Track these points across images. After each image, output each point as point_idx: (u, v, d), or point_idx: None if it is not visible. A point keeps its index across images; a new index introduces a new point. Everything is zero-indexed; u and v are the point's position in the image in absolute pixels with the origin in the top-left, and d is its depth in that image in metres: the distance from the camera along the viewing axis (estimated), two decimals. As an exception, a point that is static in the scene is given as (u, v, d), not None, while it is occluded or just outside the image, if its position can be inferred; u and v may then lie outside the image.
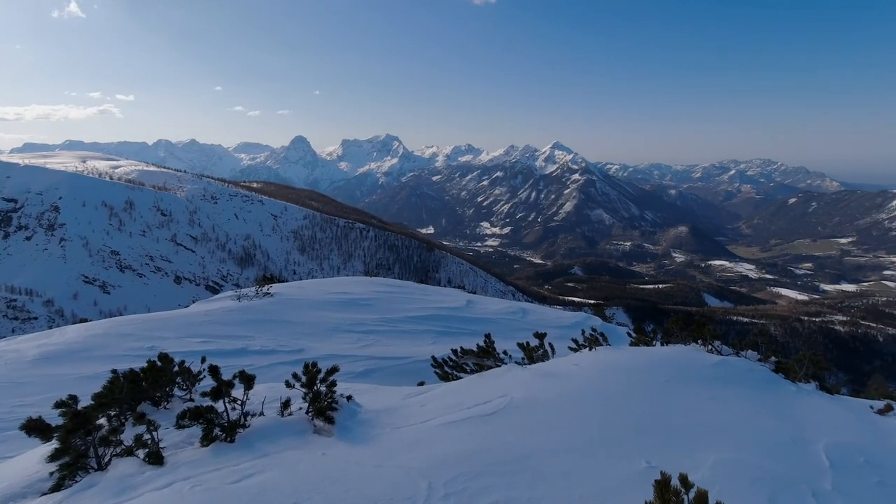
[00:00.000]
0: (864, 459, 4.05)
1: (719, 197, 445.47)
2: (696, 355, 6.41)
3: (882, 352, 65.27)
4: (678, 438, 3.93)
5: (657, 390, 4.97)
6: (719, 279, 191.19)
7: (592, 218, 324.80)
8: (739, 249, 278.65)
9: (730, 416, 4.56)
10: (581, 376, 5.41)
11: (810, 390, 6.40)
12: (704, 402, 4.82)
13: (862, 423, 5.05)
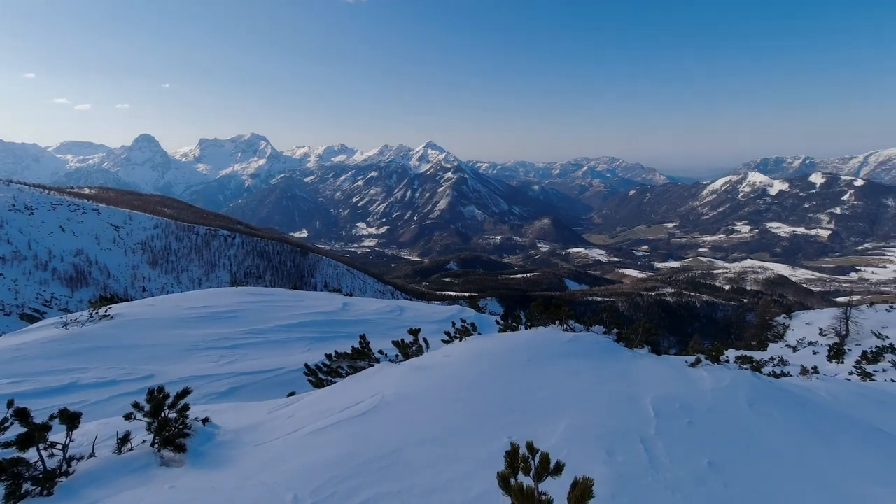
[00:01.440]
0: (679, 405, 4.93)
1: (575, 191, 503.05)
2: (554, 335, 7.14)
3: (700, 315, 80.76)
4: (536, 412, 4.34)
5: (519, 371, 5.43)
6: (577, 265, 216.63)
7: (466, 214, 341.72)
8: (593, 237, 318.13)
9: (580, 385, 5.18)
10: (451, 366, 5.66)
11: (643, 354, 7.59)
12: (560, 376, 5.39)
13: (679, 375, 6.14)
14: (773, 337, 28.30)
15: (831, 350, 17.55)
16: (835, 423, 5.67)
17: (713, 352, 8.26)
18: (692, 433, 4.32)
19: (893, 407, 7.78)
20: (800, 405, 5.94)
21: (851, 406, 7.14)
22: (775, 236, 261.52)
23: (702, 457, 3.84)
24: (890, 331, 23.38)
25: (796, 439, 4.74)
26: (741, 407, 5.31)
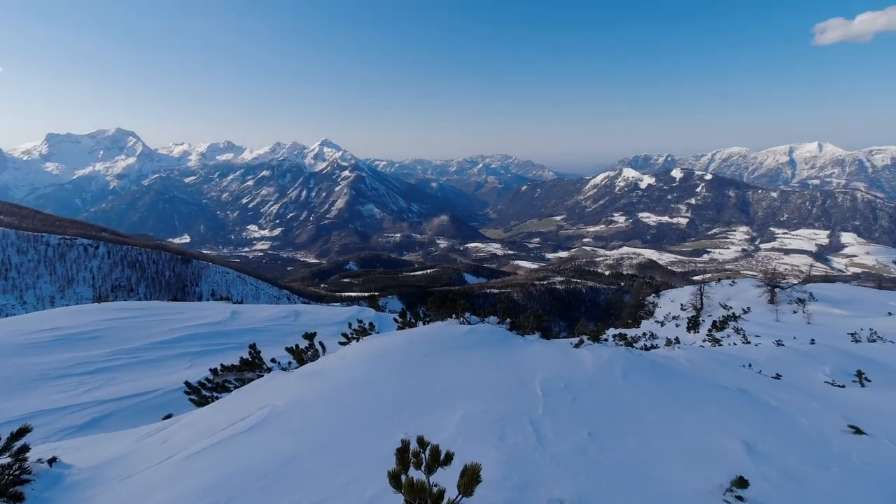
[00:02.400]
0: (564, 384, 5.36)
1: (471, 187, 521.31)
2: (450, 328, 7.31)
3: (586, 300, 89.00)
4: (433, 405, 4.41)
5: (416, 367, 5.48)
6: (475, 259, 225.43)
7: (364, 213, 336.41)
8: (489, 231, 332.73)
9: (475, 375, 5.38)
10: (347, 369, 5.53)
11: (534, 340, 8.12)
12: (455, 367, 5.54)
13: (565, 357, 6.67)
14: (645, 314, 32.18)
15: (689, 322, 20.54)
16: (691, 385, 6.58)
17: (595, 332, 9.12)
18: (575, 408, 4.72)
19: (733, 366, 9.28)
20: (664, 372, 6.79)
21: (703, 369, 8.35)
22: (645, 225, 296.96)
23: (583, 429, 4.21)
24: (733, 301, 27.84)
25: (660, 403, 5.42)
26: (616, 380, 5.93)
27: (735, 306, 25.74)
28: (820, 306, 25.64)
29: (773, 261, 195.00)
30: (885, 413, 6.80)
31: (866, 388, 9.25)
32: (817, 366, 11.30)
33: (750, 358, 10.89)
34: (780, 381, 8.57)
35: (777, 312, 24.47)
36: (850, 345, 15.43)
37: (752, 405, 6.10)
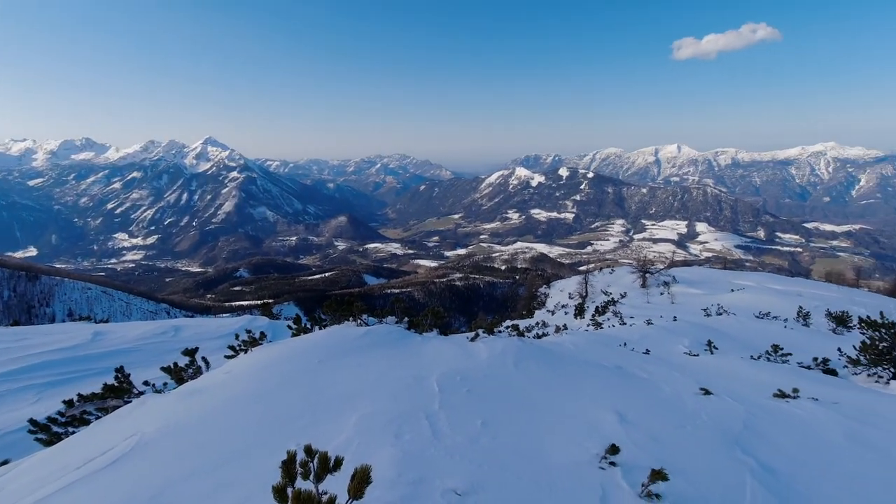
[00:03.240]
0: (460, 377, 5.55)
1: (370, 187, 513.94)
2: (347, 331, 7.17)
3: (484, 294, 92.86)
4: (328, 411, 4.30)
5: (310, 373, 5.29)
6: (375, 260, 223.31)
7: (256, 216, 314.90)
8: (389, 232, 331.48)
9: (372, 376, 5.34)
10: (233, 384, 5.16)
11: (432, 336, 8.28)
12: (352, 370, 5.45)
13: (461, 351, 6.91)
14: (538, 305, 34.54)
15: (576, 309, 22.48)
16: (575, 366, 7.20)
17: (490, 325, 9.56)
18: (470, 400, 4.92)
19: (612, 346, 10.34)
20: (551, 357, 7.34)
21: (586, 351, 9.17)
22: (537, 221, 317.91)
23: (477, 419, 4.40)
24: (613, 288, 30.95)
25: (548, 385, 5.86)
26: (509, 368, 6.29)
27: (614, 292, 28.69)
28: (681, 287, 29.57)
29: (644, 249, 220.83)
30: (726, 374, 8.06)
31: (714, 354, 10.90)
32: (679, 339, 13.04)
33: (626, 337, 12.21)
34: (649, 355, 9.74)
35: (648, 295, 27.75)
36: (703, 319, 18.04)
37: (625, 379, 6.85)
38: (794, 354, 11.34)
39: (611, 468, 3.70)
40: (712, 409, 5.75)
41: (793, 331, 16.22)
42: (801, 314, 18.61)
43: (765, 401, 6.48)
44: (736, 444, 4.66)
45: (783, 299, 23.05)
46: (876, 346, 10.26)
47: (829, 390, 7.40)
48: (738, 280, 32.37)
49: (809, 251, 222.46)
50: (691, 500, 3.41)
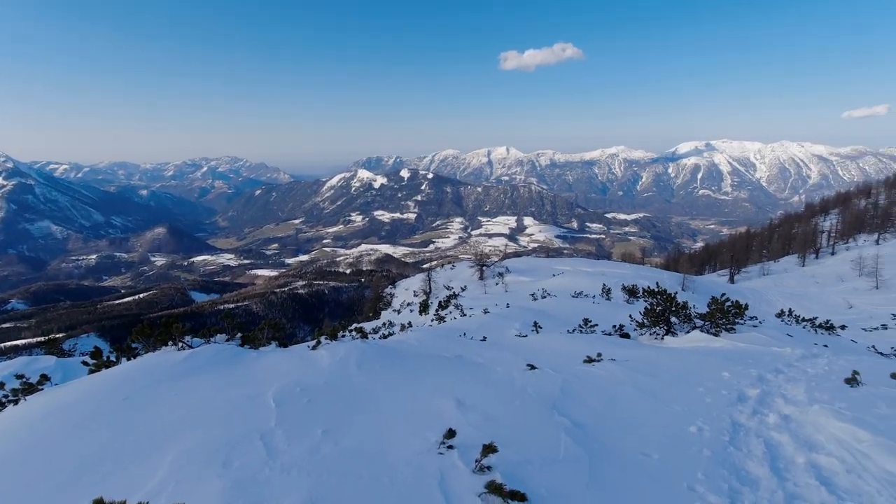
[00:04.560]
0: (300, 389, 5.32)
1: (195, 194, 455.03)
2: (163, 358, 6.30)
3: (329, 300, 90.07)
4: (137, 453, 3.72)
5: (114, 413, 4.51)
6: (204, 274, 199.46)
7: (35, 232, 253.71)
8: (219, 242, 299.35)
9: (196, 402, 4.78)
10: (-4, 444, 4.11)
11: (270, 350, 7.76)
12: (170, 402, 4.80)
13: (302, 361, 6.61)
14: (384, 305, 34.96)
15: (421, 306, 23.36)
16: (418, 361, 7.47)
17: (333, 331, 9.34)
18: (311, 410, 4.75)
19: (453, 337, 11.00)
20: (396, 355, 7.49)
21: (429, 345, 9.58)
22: (380, 222, 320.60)
23: (318, 428, 4.27)
24: (454, 282, 32.90)
25: (392, 383, 5.97)
26: (352, 372, 6.24)
27: (456, 286, 30.56)
28: (513, 276, 32.88)
29: (481, 244, 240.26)
30: (549, 349, 9.23)
31: (539, 333, 12.39)
32: (511, 324, 14.48)
33: (466, 328, 13.10)
34: (485, 341, 10.62)
35: (485, 286, 30.22)
36: (531, 303, 20.39)
37: (464, 367, 7.36)
38: (599, 325, 13.54)
39: (449, 452, 3.94)
40: (536, 382, 6.54)
41: (599, 305, 19.35)
42: (605, 290, 22.32)
43: (577, 367, 7.61)
44: (554, 409, 5.38)
45: (592, 279, 27.33)
46: (654, 310, 12.84)
47: (623, 351, 9.01)
48: (558, 266, 37.35)
49: (610, 237, 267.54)
50: (518, 464, 3.83)
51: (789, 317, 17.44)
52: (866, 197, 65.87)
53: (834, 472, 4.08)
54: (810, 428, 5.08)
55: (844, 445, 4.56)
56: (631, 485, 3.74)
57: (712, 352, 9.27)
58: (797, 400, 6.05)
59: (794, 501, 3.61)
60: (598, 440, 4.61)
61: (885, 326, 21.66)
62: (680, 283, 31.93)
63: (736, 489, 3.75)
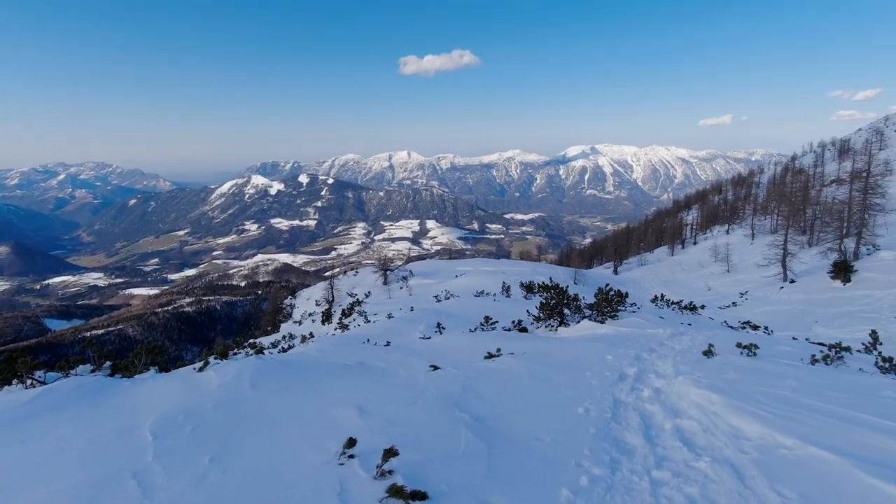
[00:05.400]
0: (184, 416, 4.87)
1: (49, 205, 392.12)
2: (4, 400, 5.39)
3: (221, 317, 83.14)
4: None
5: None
6: (64, 297, 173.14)
7: None
8: (84, 259, 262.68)
9: (46, 452, 4.15)
10: None
11: (148, 377, 7.00)
12: (11, 452, 4.12)
13: (186, 385, 6.06)
14: (284, 317, 33.28)
15: (323, 315, 22.61)
16: (318, 371, 7.23)
17: (223, 349, 8.68)
18: (196, 438, 4.38)
19: (356, 345, 10.81)
20: (295, 368, 7.18)
21: (331, 354, 9.32)
22: (278, 230, 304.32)
23: (204, 456, 3.95)
24: (358, 289, 32.32)
25: (291, 397, 5.71)
26: (246, 391, 5.86)
27: (359, 292, 30.05)
28: (417, 280, 33.16)
29: (385, 249, 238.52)
30: (452, 348, 9.46)
31: (443, 334, 12.66)
32: (415, 326, 14.60)
33: (370, 334, 12.95)
34: (389, 346, 10.59)
35: (390, 291, 30.12)
36: (435, 304, 20.74)
37: (366, 373, 7.27)
38: (500, 321, 14.16)
39: (349, 461, 3.88)
40: (439, 382, 6.67)
41: (499, 302, 20.26)
42: (505, 288, 23.41)
43: (478, 363, 7.90)
44: (455, 406, 5.53)
45: (493, 278, 28.51)
46: (549, 303, 13.76)
47: (521, 344, 9.53)
48: (461, 267, 38.40)
49: (509, 237, 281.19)
50: (419, 464, 3.88)
51: (661, 301, 19.72)
52: (718, 194, 76.75)
53: (693, 433, 4.70)
54: (675, 397, 5.81)
55: (701, 409, 5.28)
56: (525, 469, 3.98)
57: (599, 338, 10.17)
58: (666, 374, 6.88)
59: (662, 463, 4.09)
60: (497, 431, 4.83)
61: (735, 304, 25.39)
62: (572, 276, 34.54)
63: (616, 459, 4.16)
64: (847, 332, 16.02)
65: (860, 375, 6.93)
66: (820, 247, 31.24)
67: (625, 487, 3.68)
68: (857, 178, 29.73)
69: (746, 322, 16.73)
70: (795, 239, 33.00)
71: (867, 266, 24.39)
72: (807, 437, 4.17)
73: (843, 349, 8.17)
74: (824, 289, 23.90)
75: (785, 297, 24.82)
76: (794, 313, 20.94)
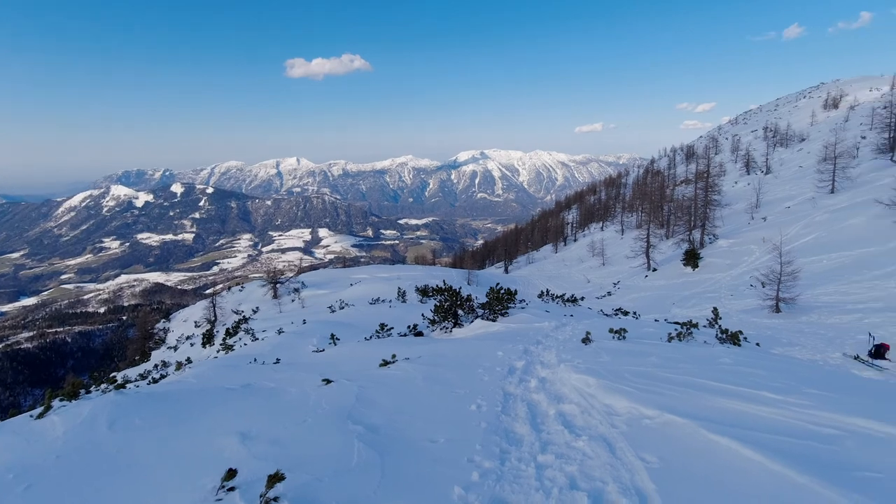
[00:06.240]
0: (14, 475, 4.12)
1: None
2: None
3: (73, 350, 71.70)
4: None
5: None
6: None
7: None
8: None
9: None
10: None
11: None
12: None
13: (18, 440, 5.11)
14: (156, 344, 29.84)
15: (204, 337, 20.64)
16: (195, 400, 6.56)
17: (72, 389, 7.51)
18: (31, 499, 3.73)
19: (241, 366, 10.04)
20: (165, 401, 6.44)
21: (212, 379, 8.55)
22: (147, 247, 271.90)
23: (42, 516, 3.37)
24: (244, 305, 30.11)
25: (160, 434, 5.11)
26: (102, 434, 5.12)
27: (246, 309, 28.02)
28: (310, 291, 31.85)
29: (274, 261, 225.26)
30: (346, 359, 9.23)
31: (337, 346, 12.29)
32: (308, 340, 13.99)
33: (258, 352, 12.13)
34: (279, 363, 10.01)
35: (280, 305, 28.54)
36: (329, 315, 20.08)
37: (252, 396, 6.78)
38: (396, 327, 14.14)
39: (229, 495, 3.58)
40: (332, 395, 6.45)
41: (395, 308, 20.24)
42: (400, 294, 23.44)
43: (373, 372, 7.79)
44: (348, 419, 5.38)
45: (388, 284, 28.41)
46: (443, 306, 14.04)
47: (416, 348, 9.60)
48: (356, 275, 37.70)
49: (403, 242, 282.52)
50: (308, 486, 3.70)
51: (547, 296, 21.20)
52: (594, 194, 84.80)
53: (573, 415, 5.10)
54: (559, 384, 6.26)
55: (580, 392, 5.76)
56: (419, 472, 3.99)
57: (490, 335, 10.63)
58: (550, 363, 7.39)
59: (547, 447, 4.37)
60: (392, 438, 4.79)
61: (610, 293, 28.20)
62: (466, 278, 35.70)
63: (505, 450, 4.35)
64: (697, 311, 18.62)
65: (704, 347, 8.10)
66: (675, 238, 35.98)
67: (513, 476, 3.86)
68: (700, 179, 34.84)
69: (619, 309, 18.65)
70: (656, 232, 37.64)
71: (710, 253, 28.61)
72: (664, 406, 4.75)
73: (692, 326, 9.47)
74: (679, 274, 27.55)
75: (649, 284, 28.14)
76: (657, 298, 23.84)
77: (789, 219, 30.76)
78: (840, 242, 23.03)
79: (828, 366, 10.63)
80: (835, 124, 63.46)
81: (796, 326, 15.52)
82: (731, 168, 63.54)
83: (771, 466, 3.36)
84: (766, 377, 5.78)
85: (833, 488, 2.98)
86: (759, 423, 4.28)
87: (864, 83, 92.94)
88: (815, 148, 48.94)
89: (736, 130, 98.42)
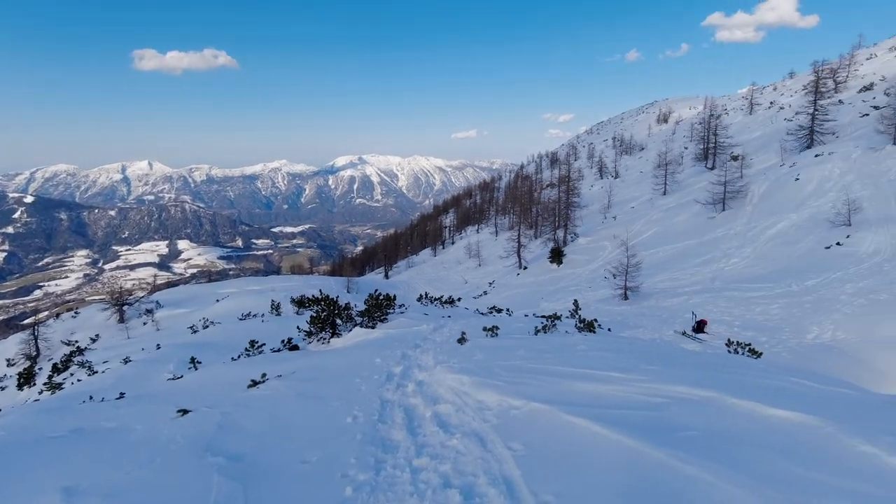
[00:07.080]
0: None
1: None
2: None
3: None
4: None
5: None
6: None
7: None
8: None
9: None
10: None
11: None
12: None
13: None
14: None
15: (20, 378, 17.06)
16: (6, 457, 5.46)
17: None
18: None
19: (68, 410, 8.56)
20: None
21: (30, 428, 7.14)
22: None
23: None
24: (79, 334, 25.81)
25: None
26: None
27: (81, 338, 24.02)
28: (167, 311, 28.44)
29: (120, 279, 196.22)
30: (204, 385, 8.38)
31: (199, 370, 11.12)
32: (163, 367, 12.46)
33: (94, 389, 10.46)
34: (122, 398, 8.73)
35: (128, 330, 24.99)
36: (191, 337, 18.11)
37: (84, 441, 5.82)
38: (268, 343, 13.24)
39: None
40: (188, 427, 5.79)
41: (269, 322, 18.97)
42: (274, 306, 22.05)
43: (239, 395, 7.17)
44: (207, 451, 4.87)
45: (261, 297, 26.56)
46: (320, 316, 13.50)
47: (290, 363, 9.07)
48: (223, 290, 34.60)
49: (278, 251, 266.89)
50: (153, 535, 3.26)
51: (426, 299, 21.58)
52: (469, 198, 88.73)
53: (448, 415, 5.22)
54: (435, 385, 6.38)
55: (455, 391, 5.92)
56: (287, 497, 3.75)
57: (369, 343, 10.47)
58: (427, 365, 7.50)
59: (422, 450, 4.40)
60: (258, 465, 4.44)
61: (486, 292, 29.70)
62: (345, 286, 34.87)
63: (381, 459, 4.29)
64: (562, 304, 20.45)
65: (565, 337, 8.91)
66: (542, 238, 39.15)
67: (388, 484, 3.82)
68: (562, 182, 38.46)
69: (493, 307, 19.69)
70: (526, 233, 40.64)
71: (571, 250, 31.66)
72: (529, 395, 5.09)
73: (556, 318, 10.35)
74: (546, 271, 30.03)
75: (521, 282, 30.23)
76: (528, 294, 25.70)
77: (634, 217, 35.45)
78: (671, 236, 27.13)
79: (663, 343, 12.40)
80: (665, 136, 75.02)
81: (640, 310, 17.87)
82: (588, 173, 71.38)
83: (613, 437, 3.78)
84: (614, 359, 6.52)
85: (658, 448, 3.46)
86: (607, 400, 4.80)
87: (686, 102, 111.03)
88: (652, 156, 57.27)
89: (591, 139, 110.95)
